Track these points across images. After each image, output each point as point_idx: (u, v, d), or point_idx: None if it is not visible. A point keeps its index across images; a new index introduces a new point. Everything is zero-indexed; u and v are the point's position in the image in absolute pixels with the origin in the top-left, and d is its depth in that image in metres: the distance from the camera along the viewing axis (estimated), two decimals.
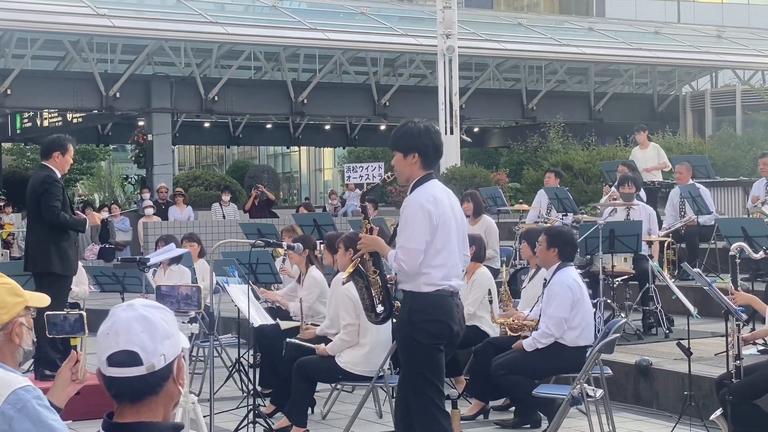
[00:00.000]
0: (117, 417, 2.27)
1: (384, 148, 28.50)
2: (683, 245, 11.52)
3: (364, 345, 6.87)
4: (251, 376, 7.84)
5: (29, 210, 8.26)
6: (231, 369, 8.75)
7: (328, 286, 8.36)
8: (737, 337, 5.77)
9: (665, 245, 10.39)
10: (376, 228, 5.33)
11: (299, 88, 25.11)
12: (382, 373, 6.84)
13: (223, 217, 18.78)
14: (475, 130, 32.22)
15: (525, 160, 23.99)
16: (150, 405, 2.26)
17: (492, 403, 7.68)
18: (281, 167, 46.94)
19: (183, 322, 5.49)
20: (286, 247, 7.42)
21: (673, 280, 9.19)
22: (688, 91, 29.92)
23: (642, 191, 11.35)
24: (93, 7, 20.93)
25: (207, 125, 31.49)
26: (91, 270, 10.13)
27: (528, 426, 7.21)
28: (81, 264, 9.75)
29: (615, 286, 9.33)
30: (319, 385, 7.71)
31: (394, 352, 6.55)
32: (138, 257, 8.35)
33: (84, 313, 3.45)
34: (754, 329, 7.52)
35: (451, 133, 19.70)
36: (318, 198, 39.30)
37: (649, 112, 29.19)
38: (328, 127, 32.69)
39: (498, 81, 28.10)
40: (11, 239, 19.09)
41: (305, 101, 25.07)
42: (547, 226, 8.90)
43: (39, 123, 29.09)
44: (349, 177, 22.86)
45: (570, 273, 6.95)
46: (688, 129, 27.53)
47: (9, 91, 21.71)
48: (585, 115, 28.74)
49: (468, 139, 23.90)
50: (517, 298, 8.39)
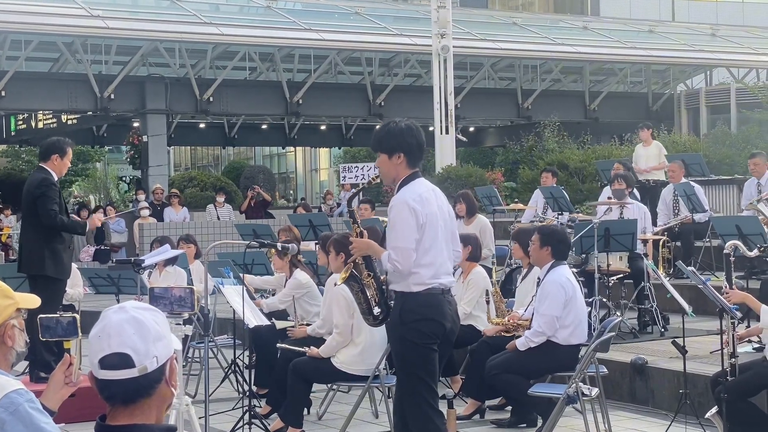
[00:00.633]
0: (110, 419, 2.26)
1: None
2: (678, 243, 11.53)
3: (358, 344, 6.87)
4: (247, 377, 7.83)
5: (24, 212, 8.24)
6: (227, 370, 8.75)
7: (317, 286, 8.37)
8: (732, 335, 5.77)
9: (660, 243, 10.40)
10: (365, 231, 5.31)
11: (294, 88, 25.10)
12: (377, 373, 6.83)
13: (218, 219, 18.77)
14: (471, 129, 32.22)
15: (520, 159, 24.02)
16: (143, 407, 2.25)
17: (488, 403, 7.68)
18: (277, 168, 46.93)
19: (177, 323, 5.48)
20: (280, 248, 7.40)
21: (668, 278, 9.19)
22: (682, 90, 29.95)
23: (635, 190, 11.36)
24: (87, 9, 20.89)
25: (202, 126, 31.47)
26: (86, 272, 10.11)
27: (524, 425, 7.21)
28: (76, 266, 9.74)
29: (610, 284, 9.33)
30: (315, 386, 7.70)
31: (389, 352, 6.55)
32: (133, 258, 8.33)
33: (77, 316, 3.44)
34: (749, 327, 7.53)
35: (447, 133, 19.70)
36: (314, 198, 39.30)
37: (644, 110, 29.21)
38: (323, 128, 32.68)
39: (493, 80, 28.10)
40: (10, 241, 19.07)
41: (300, 101, 25.06)
42: (541, 225, 8.90)
43: (33, 125, 29.05)
44: (345, 177, 22.88)
45: (563, 272, 6.95)
46: (683, 127, 27.56)
47: (3, 93, 21.66)
48: (580, 114, 28.75)
49: (463, 139, 23.90)
50: (512, 297, 8.39)
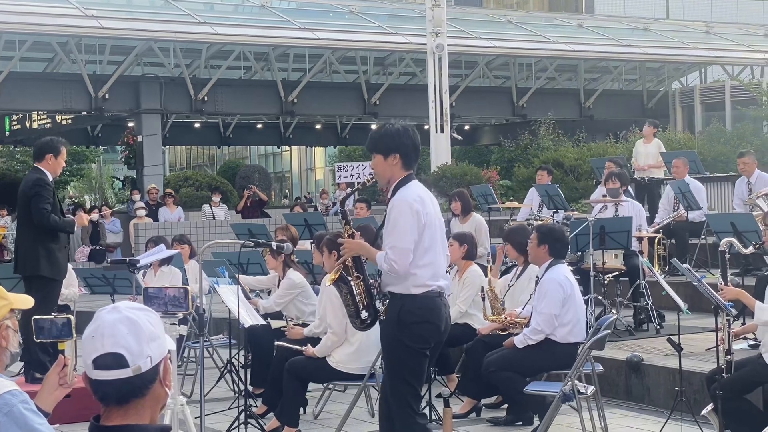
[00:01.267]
0: (104, 420, 2.26)
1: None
2: (673, 241, 11.54)
3: (353, 343, 6.86)
4: (242, 376, 7.82)
5: (19, 212, 8.23)
6: (222, 370, 8.74)
7: (312, 285, 8.36)
8: (727, 332, 5.78)
9: (655, 241, 10.40)
10: (357, 233, 5.30)
11: (289, 87, 25.09)
12: (373, 372, 6.83)
13: (213, 218, 18.75)
14: (466, 128, 32.22)
15: (516, 157, 24.02)
16: (137, 407, 2.25)
17: (484, 401, 7.68)
18: (272, 167, 46.93)
19: (172, 323, 5.47)
20: (274, 248, 7.40)
21: (664, 275, 9.20)
22: (677, 87, 29.97)
23: (629, 187, 11.36)
24: (81, 9, 20.86)
25: (197, 126, 31.45)
26: (81, 272, 10.10)
27: (520, 423, 7.21)
28: (71, 266, 9.72)
29: (606, 282, 9.33)
30: (311, 385, 7.69)
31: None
32: (128, 259, 8.32)
33: (72, 317, 3.44)
34: (744, 324, 7.53)
35: (442, 131, 19.69)
36: (310, 197, 39.25)
37: (639, 108, 29.25)
38: (318, 127, 32.67)
39: (488, 79, 28.11)
40: (5, 242, 19.03)
41: (295, 101, 25.05)
42: (540, 224, 8.90)
43: (28, 125, 29.00)
44: (340, 176, 22.88)
45: (561, 270, 6.96)
46: (677, 125, 27.59)
47: None
48: (575, 112, 28.78)
49: (459, 137, 23.92)
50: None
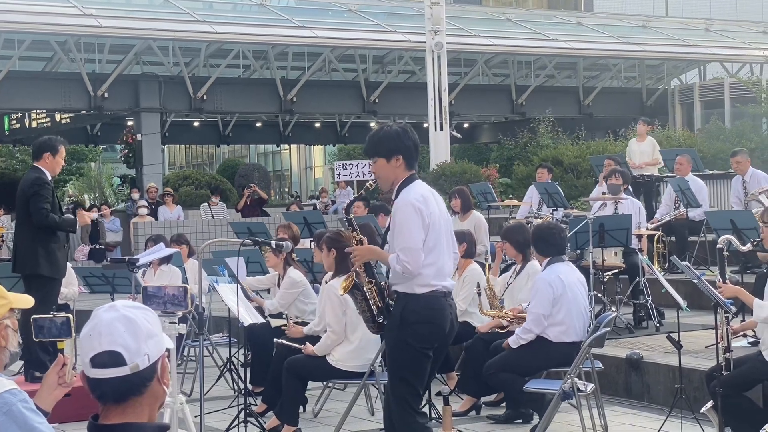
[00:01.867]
0: (102, 419, 2.26)
1: None
2: (673, 238, 11.54)
3: (353, 341, 6.85)
4: (242, 375, 7.83)
5: (18, 211, 8.22)
6: (222, 368, 8.74)
7: (311, 284, 8.36)
8: (726, 330, 5.78)
9: (655, 239, 10.41)
10: (364, 239, 5.29)
11: (288, 86, 25.08)
12: (372, 369, 6.83)
13: (212, 217, 18.76)
14: (465, 125, 32.20)
15: (515, 155, 24.01)
16: (135, 406, 2.24)
17: (484, 399, 7.69)
18: (272, 166, 46.90)
19: (172, 322, 5.47)
20: (274, 246, 7.39)
21: (663, 273, 9.19)
22: (676, 85, 29.97)
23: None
24: (80, 8, 20.85)
25: (196, 124, 31.44)
26: (81, 271, 10.10)
27: (519, 421, 7.21)
28: (70, 265, 9.72)
29: (605, 280, 9.33)
30: (311, 384, 7.69)
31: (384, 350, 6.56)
32: (127, 258, 8.33)
33: (71, 316, 3.43)
34: (744, 321, 7.54)
35: (441, 129, 19.67)
36: (309, 196, 39.24)
37: (638, 105, 29.23)
38: (317, 125, 32.66)
39: (487, 77, 28.10)
40: (1, 241, 19.03)
41: (294, 99, 25.04)
42: (539, 222, 8.90)
43: (27, 124, 29.00)
44: (339, 174, 22.86)
45: (556, 269, 6.91)
46: (677, 122, 27.59)
47: None
48: (574, 110, 28.77)
49: (458, 135, 23.89)
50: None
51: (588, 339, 6.42)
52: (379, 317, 5.16)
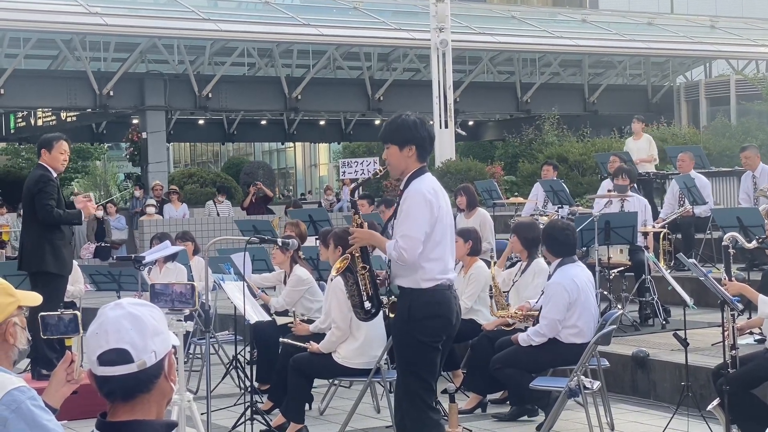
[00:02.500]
0: (110, 416, 2.26)
1: (379, 142, 28.50)
2: (679, 236, 11.52)
3: (357, 338, 6.84)
4: (248, 372, 7.83)
5: (24, 209, 8.26)
6: (228, 366, 8.74)
7: (317, 282, 8.36)
8: (732, 327, 5.76)
9: (661, 236, 10.39)
10: (366, 222, 5.29)
11: (293, 83, 25.08)
12: (378, 367, 6.82)
13: (218, 215, 18.78)
14: (470, 123, 32.20)
15: (520, 152, 23.99)
16: (143, 403, 2.24)
17: (489, 397, 7.68)
18: (276, 163, 46.95)
19: (178, 319, 5.48)
20: (280, 243, 7.40)
21: (669, 270, 9.19)
22: (682, 82, 29.92)
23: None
24: (85, 6, 20.88)
25: (201, 122, 31.48)
26: (87, 269, 10.11)
27: (525, 418, 7.21)
28: (77, 263, 9.73)
29: (611, 277, 9.32)
30: (317, 381, 7.69)
31: (391, 347, 6.55)
32: (133, 255, 8.33)
33: (78, 314, 3.43)
34: (750, 319, 7.53)
35: (446, 127, 19.67)
36: (314, 193, 39.27)
37: (644, 103, 29.19)
38: (322, 123, 32.68)
39: (492, 74, 28.08)
40: (7, 236, 19.05)
41: (299, 97, 25.05)
42: (548, 221, 8.89)
43: (33, 122, 29.05)
44: (344, 172, 22.83)
45: (569, 272, 6.84)
46: (682, 119, 27.54)
47: (2, 91, 21.67)
48: (579, 107, 28.74)
49: (463, 133, 23.89)
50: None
51: (594, 337, 6.41)
52: (367, 304, 5.16)
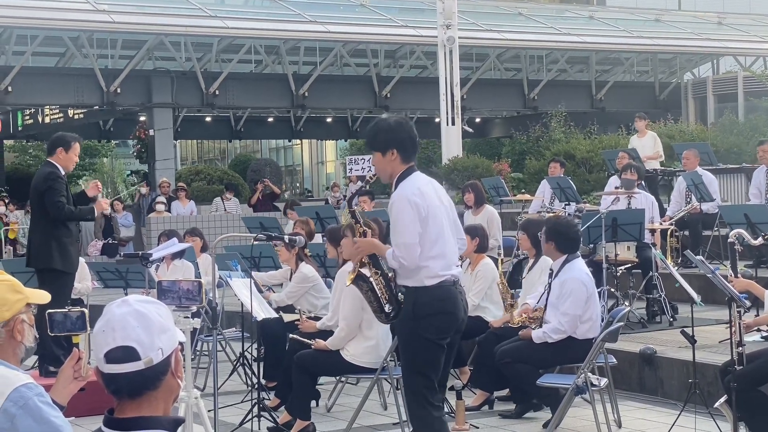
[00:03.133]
0: (117, 413, 2.26)
1: None
2: (686, 233, 11.50)
3: (371, 338, 6.81)
4: (255, 369, 7.84)
5: (32, 207, 8.29)
6: (235, 363, 8.76)
7: (324, 279, 8.36)
8: (739, 324, 5.75)
9: (668, 233, 10.38)
10: (368, 230, 5.28)
11: (300, 81, 25.09)
12: (385, 365, 6.82)
13: (225, 211, 18.80)
14: (477, 120, 32.17)
15: (527, 149, 23.96)
16: (150, 400, 2.25)
17: (496, 394, 7.68)
18: (283, 161, 46.94)
19: (186, 316, 5.49)
20: (287, 241, 7.40)
21: (677, 267, 9.16)
22: (689, 79, 29.83)
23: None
24: (92, 3, 20.91)
25: (208, 120, 31.50)
26: (94, 266, 10.14)
27: (531, 412, 7.20)
28: (84, 260, 9.76)
29: (618, 274, 9.31)
30: (324, 378, 7.70)
31: (396, 346, 6.55)
32: (141, 252, 8.35)
33: (86, 311, 3.43)
34: (757, 315, 7.51)
35: (453, 124, 19.65)
36: (321, 190, 39.29)
37: (651, 99, 29.14)
38: (329, 120, 32.68)
39: (499, 71, 28.05)
40: (16, 236, 19.11)
41: (306, 94, 25.05)
42: (549, 217, 8.87)
43: (40, 120, 29.10)
44: (351, 169, 22.84)
45: (581, 267, 6.89)
46: (690, 116, 27.46)
47: (10, 88, 21.73)
48: (587, 104, 28.69)
49: (470, 130, 23.90)
50: (519, 287, 8.38)
51: (601, 334, 6.41)
52: (387, 307, 5.16)
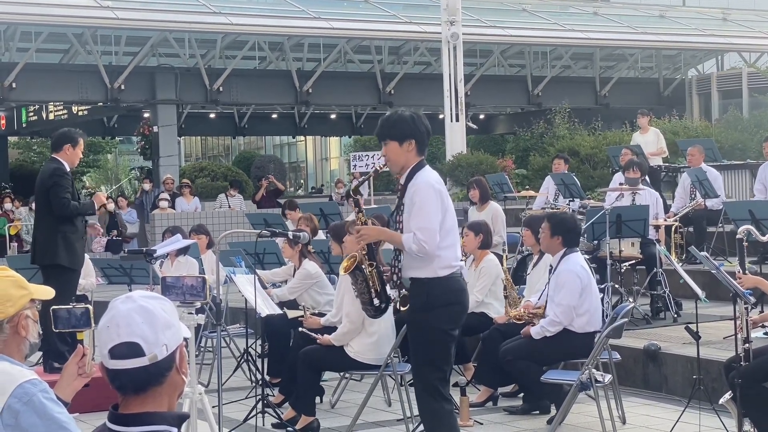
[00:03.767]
0: (122, 409, 2.26)
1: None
2: (691, 229, 11.48)
3: (372, 333, 6.83)
4: (259, 366, 7.84)
5: (37, 203, 8.31)
6: (239, 359, 8.76)
7: (328, 275, 8.36)
8: (746, 320, 5.75)
9: (673, 229, 10.37)
10: (370, 220, 5.30)
11: (304, 77, 25.08)
12: (389, 361, 6.82)
13: (229, 208, 18.81)
14: (481, 116, 32.12)
15: (531, 146, 23.96)
16: (154, 395, 2.25)
17: (500, 390, 7.68)
18: (287, 157, 46.94)
19: (190, 312, 5.49)
20: (290, 237, 7.40)
21: (681, 264, 9.16)
22: (694, 75, 29.79)
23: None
24: (97, 0, 20.92)
25: (212, 116, 31.51)
26: (99, 262, 10.15)
27: (536, 412, 7.20)
28: (88, 256, 9.77)
29: (622, 271, 9.31)
30: (328, 374, 7.69)
31: (401, 340, 6.55)
32: (145, 249, 8.36)
33: (90, 307, 3.44)
34: (762, 312, 7.50)
35: (457, 120, 19.65)
36: (325, 187, 39.28)
37: (655, 96, 29.09)
38: (333, 116, 32.67)
39: (503, 67, 28.02)
40: (19, 230, 19.12)
41: (310, 90, 25.04)
42: (551, 213, 8.87)
43: (44, 116, 29.11)
44: (355, 166, 22.84)
45: (577, 260, 6.94)
46: (694, 112, 27.43)
47: (14, 85, 21.73)
48: (591, 101, 28.65)
49: (474, 126, 23.83)
50: (523, 284, 8.38)
51: (606, 330, 6.41)
52: (376, 300, 5.17)
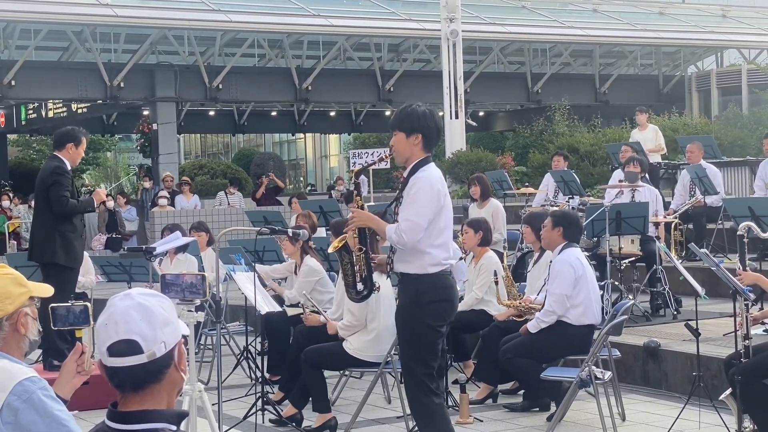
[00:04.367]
0: (121, 406, 2.25)
1: (390, 133, 28.45)
2: (690, 226, 11.48)
3: (371, 330, 6.83)
4: (259, 363, 7.84)
5: (37, 200, 8.30)
6: (239, 357, 8.76)
7: (327, 273, 8.35)
8: (746, 317, 5.75)
9: (672, 226, 10.36)
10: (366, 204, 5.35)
11: (303, 75, 25.07)
12: (389, 359, 6.82)
13: (229, 205, 18.81)
14: (480, 114, 32.12)
15: (530, 143, 23.95)
16: (153, 393, 2.24)
17: (500, 387, 7.68)
18: (287, 155, 46.93)
19: (189, 310, 5.49)
20: (290, 234, 7.39)
21: (681, 261, 9.16)
22: (693, 72, 29.78)
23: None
24: None
25: (212, 114, 31.51)
26: (98, 260, 10.13)
27: (536, 409, 7.20)
28: (88, 254, 9.76)
29: (622, 267, 9.31)
30: (328, 372, 7.69)
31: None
32: (144, 246, 8.35)
33: (89, 305, 3.44)
34: (762, 309, 7.50)
35: (456, 118, 19.63)
36: (324, 184, 39.27)
37: (655, 93, 29.08)
38: (333, 114, 32.67)
39: (502, 64, 28.00)
40: (19, 230, 19.12)
41: (310, 88, 25.04)
42: (553, 209, 8.88)
43: (44, 114, 29.11)
44: (355, 163, 22.84)
45: (573, 252, 6.95)
46: (694, 109, 27.42)
47: (13, 83, 21.71)
48: (590, 98, 28.64)
49: (473, 123, 23.83)
50: (524, 281, 8.38)
51: (605, 327, 6.41)
52: (360, 285, 5.22)
